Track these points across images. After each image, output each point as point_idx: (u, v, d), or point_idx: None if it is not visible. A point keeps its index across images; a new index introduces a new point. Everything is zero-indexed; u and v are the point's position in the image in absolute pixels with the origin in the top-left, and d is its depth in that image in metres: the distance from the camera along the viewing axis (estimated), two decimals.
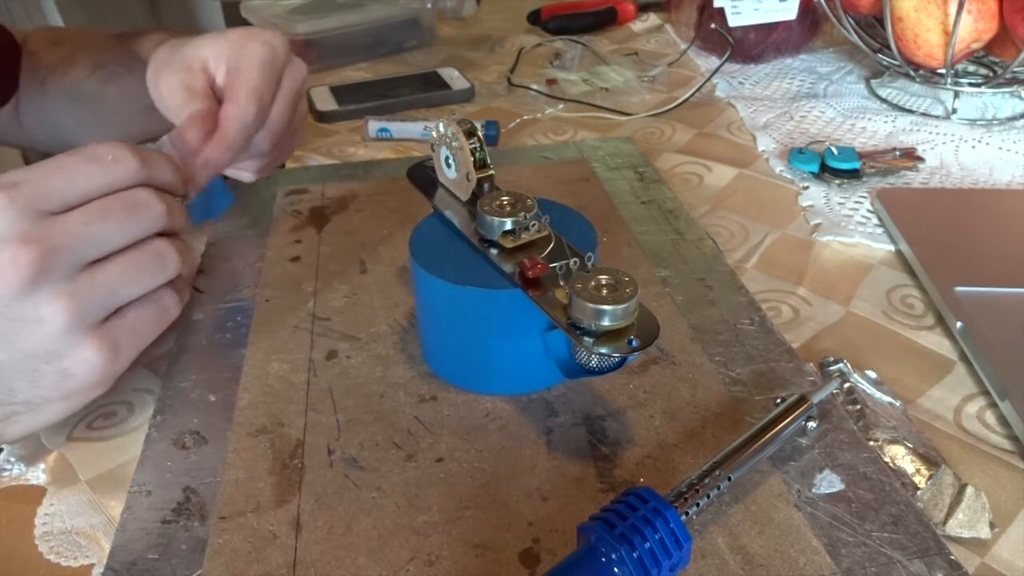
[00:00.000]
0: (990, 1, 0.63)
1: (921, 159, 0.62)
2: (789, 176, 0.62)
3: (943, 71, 0.68)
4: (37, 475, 0.38)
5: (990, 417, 0.39)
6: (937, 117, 0.70)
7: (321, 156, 0.69)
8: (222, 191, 0.49)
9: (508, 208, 0.39)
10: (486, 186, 0.41)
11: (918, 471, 0.35)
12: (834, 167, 0.60)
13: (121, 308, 0.35)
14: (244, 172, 0.52)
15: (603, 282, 0.33)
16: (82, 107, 0.64)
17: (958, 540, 0.33)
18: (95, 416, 0.41)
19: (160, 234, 0.36)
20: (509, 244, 0.38)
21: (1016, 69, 0.64)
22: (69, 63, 0.63)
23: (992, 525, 0.33)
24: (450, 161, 0.42)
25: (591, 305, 0.32)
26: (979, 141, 0.65)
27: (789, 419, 0.35)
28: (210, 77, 0.48)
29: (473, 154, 0.40)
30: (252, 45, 0.47)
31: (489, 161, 0.41)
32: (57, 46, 0.65)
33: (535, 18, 0.99)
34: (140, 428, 0.40)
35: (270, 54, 0.47)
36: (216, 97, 0.47)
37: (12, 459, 0.39)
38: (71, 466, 0.38)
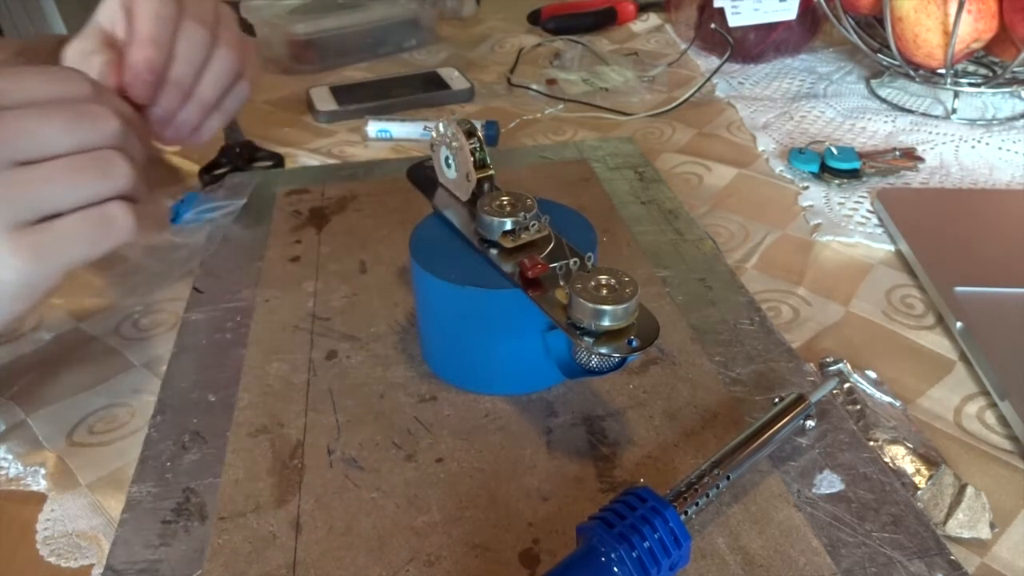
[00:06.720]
0: (990, 1, 0.63)
1: (921, 159, 0.62)
2: (789, 176, 0.62)
3: (943, 71, 0.68)
4: (38, 481, 0.38)
5: (990, 417, 0.39)
6: (937, 117, 0.70)
7: (321, 156, 0.69)
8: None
9: (508, 208, 0.39)
10: (486, 186, 0.41)
11: (918, 471, 0.35)
12: (834, 167, 0.60)
13: (57, 216, 0.33)
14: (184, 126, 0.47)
15: (603, 282, 0.33)
16: None
17: (958, 540, 0.33)
18: (95, 420, 0.41)
19: None
20: (509, 244, 0.38)
21: (1016, 69, 0.64)
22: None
23: (992, 525, 0.33)
24: (450, 161, 0.42)
25: (591, 305, 0.32)
26: (979, 141, 0.65)
27: (787, 418, 0.35)
28: (109, 38, 0.44)
29: (473, 154, 0.40)
30: None
31: (489, 161, 0.41)
32: (19, 56, 0.64)
33: (535, 18, 0.99)
34: (140, 430, 0.39)
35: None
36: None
37: (10, 456, 0.39)
38: (72, 472, 0.38)
